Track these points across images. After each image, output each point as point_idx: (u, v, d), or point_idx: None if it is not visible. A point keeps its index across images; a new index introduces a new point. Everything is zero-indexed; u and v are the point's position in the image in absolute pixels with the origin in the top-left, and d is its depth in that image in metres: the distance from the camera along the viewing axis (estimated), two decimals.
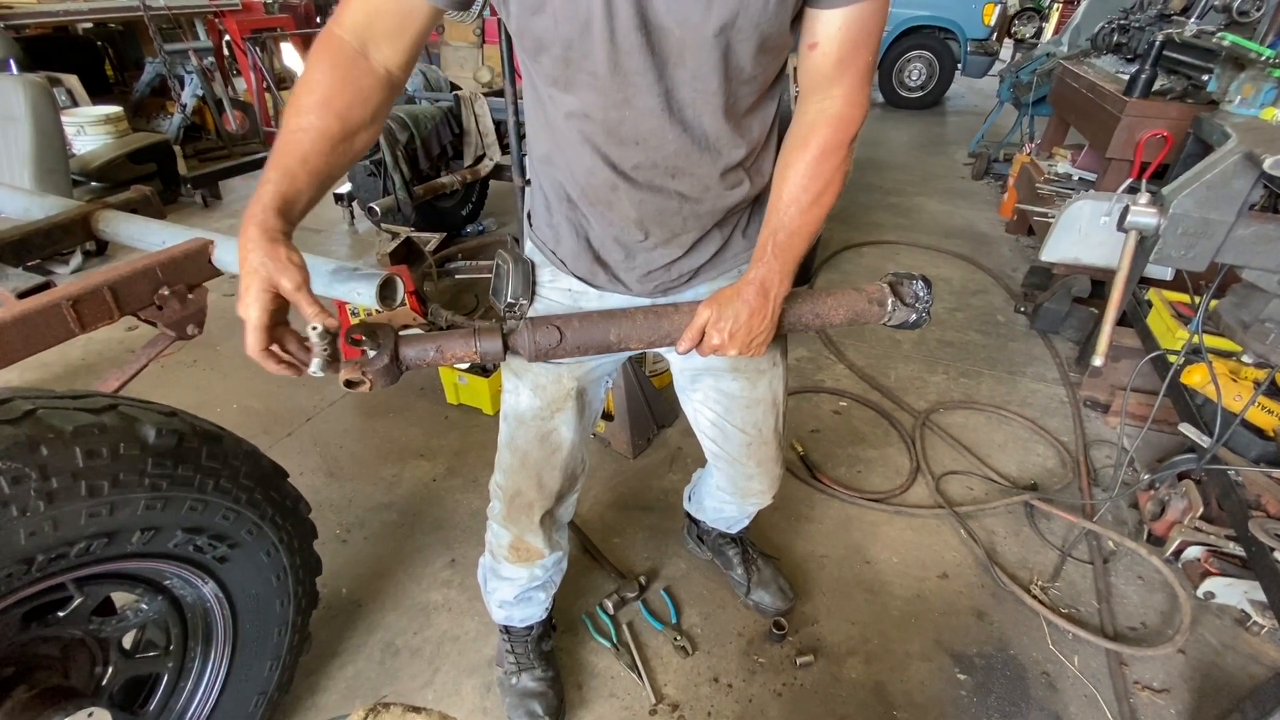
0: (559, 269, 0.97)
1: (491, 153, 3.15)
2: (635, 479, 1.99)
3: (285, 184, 0.73)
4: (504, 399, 1.09)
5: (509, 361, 1.00)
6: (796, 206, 0.83)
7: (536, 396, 1.04)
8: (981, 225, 3.97)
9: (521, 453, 1.09)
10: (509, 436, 1.10)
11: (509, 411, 1.08)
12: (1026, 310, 2.87)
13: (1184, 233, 0.82)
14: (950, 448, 2.15)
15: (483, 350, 0.84)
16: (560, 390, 1.03)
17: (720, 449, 1.19)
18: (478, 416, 2.25)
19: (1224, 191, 0.78)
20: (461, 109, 3.10)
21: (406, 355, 0.82)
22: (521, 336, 0.87)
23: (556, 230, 0.94)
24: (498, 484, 1.17)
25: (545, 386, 1.03)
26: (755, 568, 1.60)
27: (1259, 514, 1.44)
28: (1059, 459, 2.11)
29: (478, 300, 2.90)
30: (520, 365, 1.02)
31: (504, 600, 1.30)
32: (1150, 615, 1.61)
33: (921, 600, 1.64)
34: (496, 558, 1.24)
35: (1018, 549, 1.79)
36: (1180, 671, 1.48)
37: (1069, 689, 1.44)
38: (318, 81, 0.75)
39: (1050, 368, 2.57)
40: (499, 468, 1.15)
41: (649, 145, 0.78)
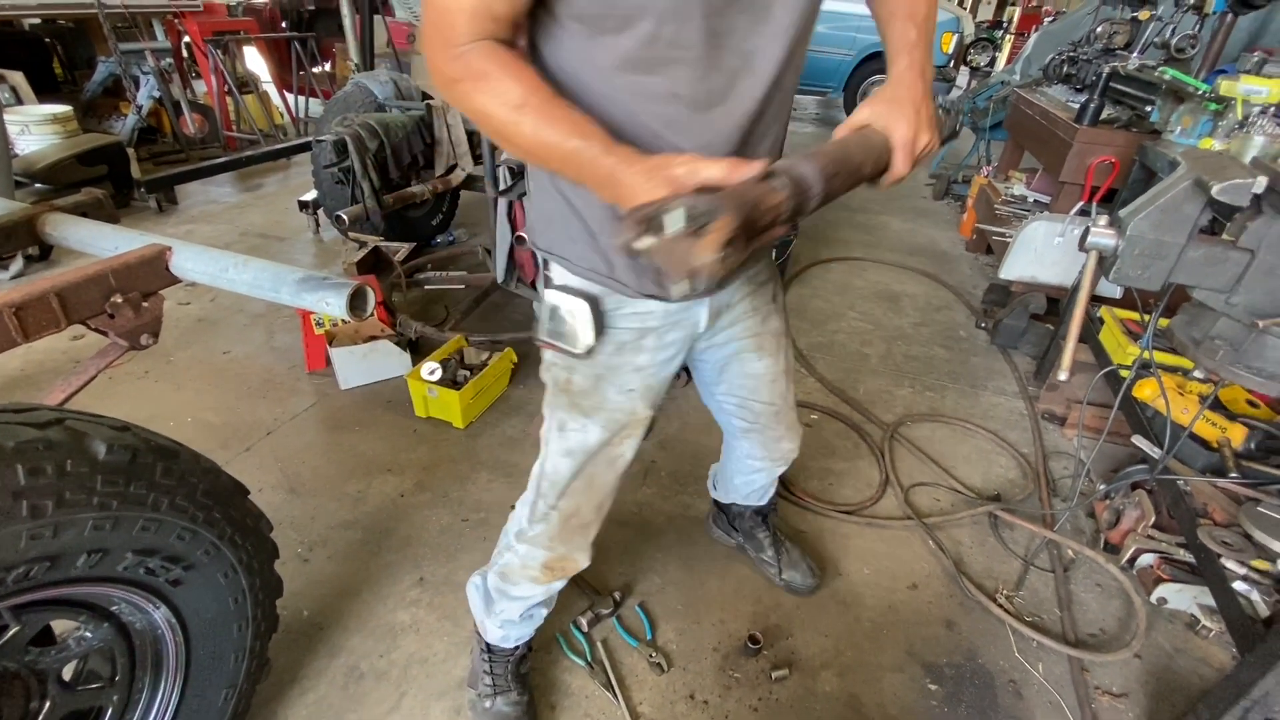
0: (623, 295, 0.91)
1: (463, 163, 3.12)
2: None
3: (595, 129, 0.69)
4: (566, 438, 1.03)
5: (577, 402, 1.00)
6: (908, 25, 0.83)
7: (607, 430, 1.02)
8: (943, 244, 4.10)
9: (588, 477, 1.07)
10: (575, 468, 1.06)
11: (575, 448, 1.04)
12: (987, 326, 2.97)
13: (1140, 254, 0.86)
14: (918, 460, 2.20)
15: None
16: (635, 419, 1.03)
17: (750, 424, 1.30)
18: (447, 430, 2.20)
19: (1176, 215, 0.82)
20: (434, 118, 3.07)
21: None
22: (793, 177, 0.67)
23: (606, 254, 0.88)
24: (551, 506, 1.11)
25: (619, 420, 1.02)
26: (785, 549, 1.69)
27: (1206, 522, 1.51)
28: (1020, 470, 2.17)
29: (448, 311, 2.86)
30: (592, 404, 1.00)
31: (507, 620, 1.26)
32: (1108, 621, 1.66)
33: (893, 611, 1.66)
34: (512, 579, 1.20)
35: (983, 559, 1.83)
36: (1137, 676, 1.53)
37: (1034, 696, 1.47)
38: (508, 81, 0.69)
39: (1010, 382, 2.66)
40: (555, 491, 1.09)
41: (730, 114, 0.78)
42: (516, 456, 2.10)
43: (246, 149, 4.59)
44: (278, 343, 2.66)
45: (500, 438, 2.18)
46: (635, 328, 0.95)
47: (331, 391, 2.38)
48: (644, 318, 0.94)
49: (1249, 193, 0.79)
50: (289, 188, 4.60)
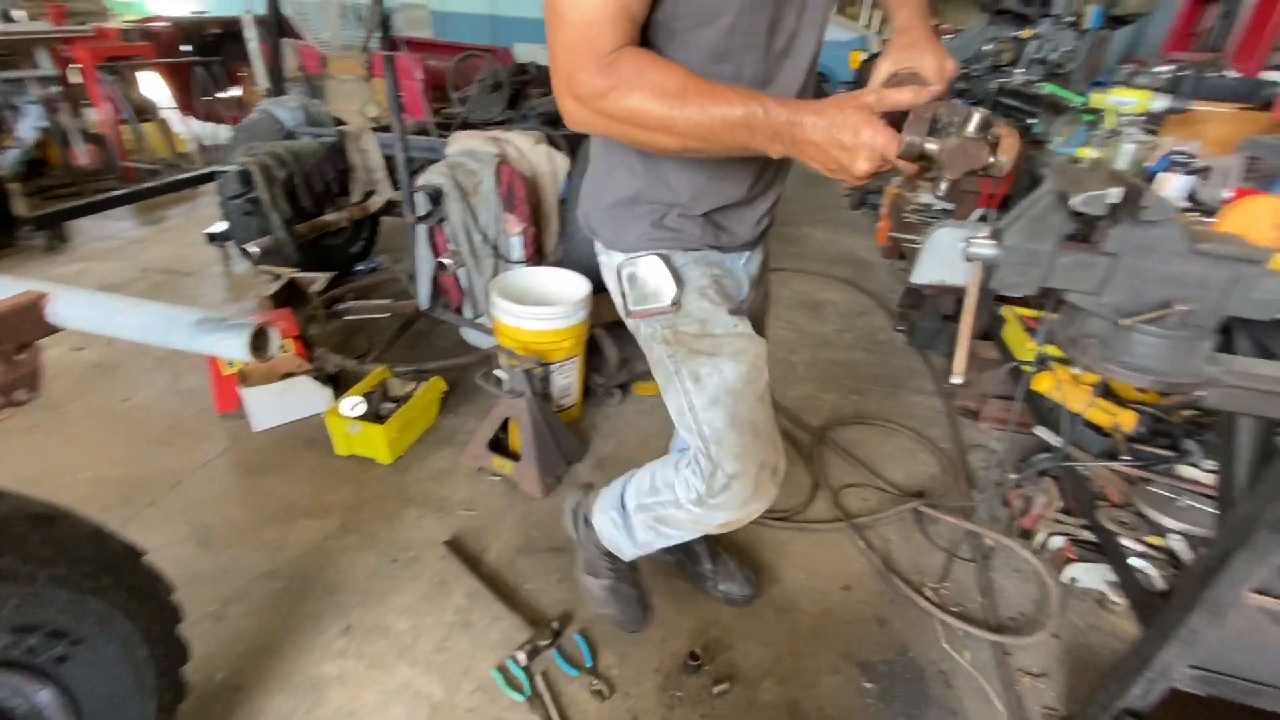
0: (686, 249, 1.04)
1: (381, 189, 3.05)
2: (546, 519, 1.94)
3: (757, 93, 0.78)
4: (704, 387, 1.04)
5: (696, 347, 1.03)
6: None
7: (737, 362, 1.04)
8: (861, 251, 4.29)
9: (748, 424, 1.05)
10: (728, 416, 1.03)
11: (718, 392, 1.03)
12: (904, 329, 3.12)
13: (1017, 262, 0.92)
14: (846, 462, 2.27)
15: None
16: (754, 344, 1.06)
17: None
18: (373, 467, 2.11)
19: (1044, 226, 0.89)
20: (347, 144, 2.98)
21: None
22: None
23: (675, 228, 1.02)
24: (732, 475, 1.07)
25: (742, 348, 1.04)
26: (721, 561, 1.70)
27: (1105, 503, 1.62)
28: (941, 466, 2.28)
29: (371, 342, 2.76)
30: (711, 344, 1.03)
31: (648, 545, 1.35)
32: (1026, 605, 1.75)
33: (828, 614, 1.70)
34: (675, 525, 1.23)
35: (910, 554, 1.90)
36: (1055, 654, 1.62)
37: (962, 684, 1.53)
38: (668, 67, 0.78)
39: (928, 381, 2.79)
40: (728, 457, 1.05)
41: (780, 90, 0.91)
42: (448, 489, 2.04)
43: (147, 180, 4.32)
44: (184, 385, 2.50)
45: (430, 471, 2.11)
46: (708, 274, 1.06)
47: (245, 434, 2.25)
48: (711, 266, 1.07)
49: (1105, 203, 0.86)
50: (195, 219, 4.35)
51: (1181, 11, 3.95)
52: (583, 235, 2.69)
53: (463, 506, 1.97)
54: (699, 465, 1.11)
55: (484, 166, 2.40)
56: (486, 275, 2.48)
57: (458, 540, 1.85)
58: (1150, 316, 0.88)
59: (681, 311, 1.03)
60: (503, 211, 2.43)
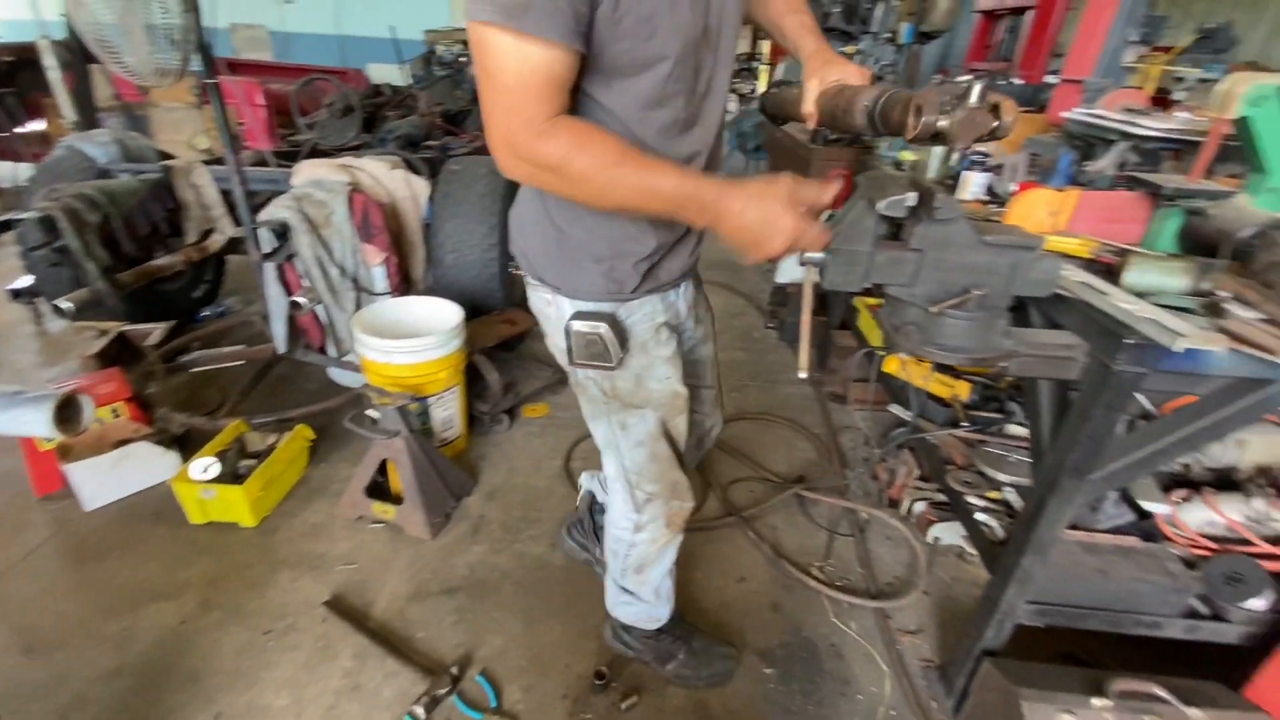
0: (630, 302, 1.10)
1: (221, 226, 2.79)
2: (436, 560, 1.86)
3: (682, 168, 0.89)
4: (631, 432, 1.19)
5: (629, 401, 1.16)
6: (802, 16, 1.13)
7: (661, 411, 1.18)
8: (731, 256, 4.49)
9: (663, 457, 1.22)
10: (649, 453, 1.21)
11: (643, 437, 1.19)
12: (774, 326, 3.31)
13: (843, 263, 1.00)
14: (731, 458, 2.37)
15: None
16: (678, 397, 1.20)
17: (693, 413, 1.40)
18: (235, 533, 1.92)
19: (860, 228, 0.98)
20: (175, 180, 2.70)
21: None
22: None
23: (619, 279, 1.07)
24: (648, 494, 1.27)
25: (667, 403, 1.19)
26: None
27: (952, 467, 1.81)
28: (817, 450, 2.43)
29: (224, 394, 2.51)
30: (641, 398, 1.16)
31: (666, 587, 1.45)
32: (899, 568, 1.91)
33: (726, 608, 1.76)
34: (652, 559, 1.36)
35: (796, 538, 2.01)
36: (928, 611, 1.77)
37: (851, 652, 1.64)
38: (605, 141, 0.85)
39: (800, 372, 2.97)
40: (645, 478, 1.24)
41: (704, 127, 1.02)
42: (324, 545, 1.89)
43: None
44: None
45: (302, 527, 1.95)
46: (649, 325, 1.13)
47: (74, 516, 1.96)
48: (652, 315, 1.13)
49: (904, 206, 0.96)
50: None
51: (977, 28, 4.54)
52: (452, 260, 2.63)
53: (342, 561, 1.83)
54: (623, 487, 1.29)
55: (334, 196, 2.26)
56: (348, 310, 2.34)
57: (339, 598, 1.72)
58: (953, 302, 1.00)
59: (622, 368, 1.13)
60: (360, 242, 2.31)
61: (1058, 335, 1.16)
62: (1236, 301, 1.05)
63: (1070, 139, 1.71)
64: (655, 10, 0.84)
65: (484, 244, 2.58)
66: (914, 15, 3.39)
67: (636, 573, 1.40)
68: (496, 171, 2.79)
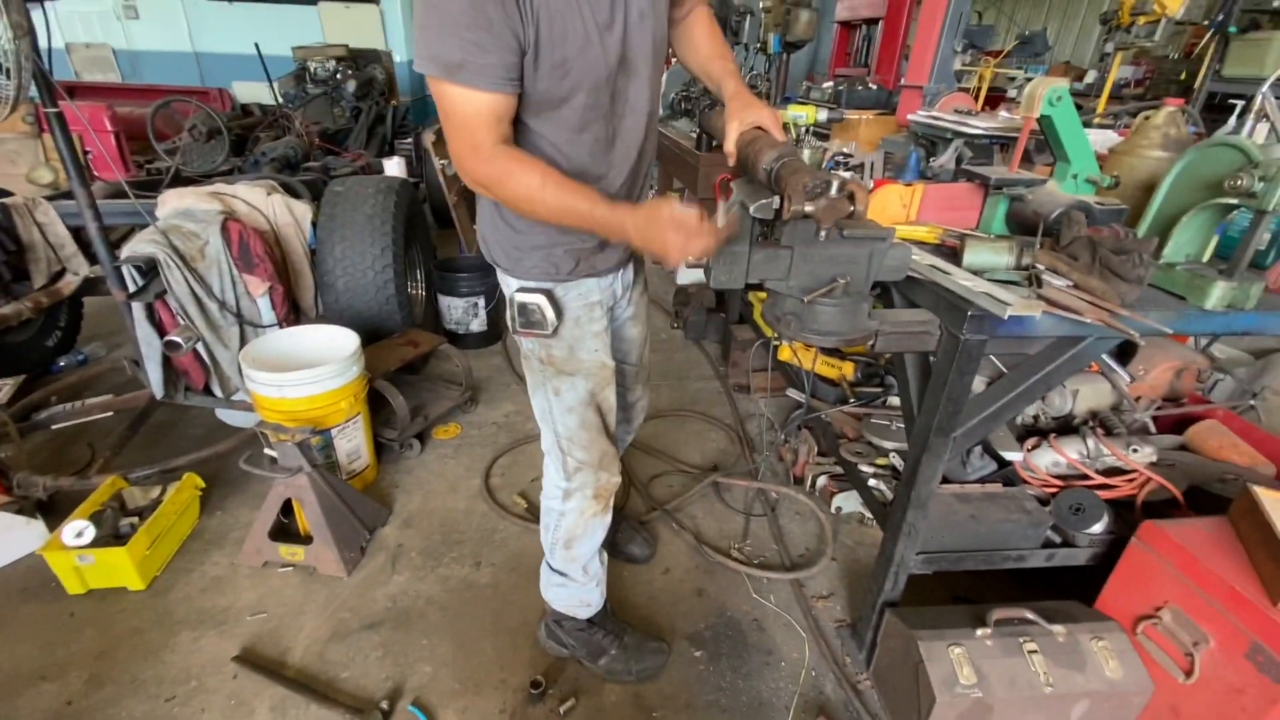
0: (567, 282, 1.25)
1: (74, 265, 2.53)
2: (354, 597, 1.79)
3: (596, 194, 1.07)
4: (563, 398, 1.33)
5: (561, 368, 1.31)
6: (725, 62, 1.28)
7: (590, 380, 1.33)
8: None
9: (592, 425, 1.36)
10: (579, 419, 1.35)
11: (573, 403, 1.34)
12: (679, 325, 3.43)
13: (725, 263, 1.09)
14: (649, 455, 2.44)
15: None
16: (606, 369, 1.35)
17: (620, 385, 1.56)
18: (123, 598, 1.76)
19: (739, 229, 1.06)
20: (15, 219, 2.42)
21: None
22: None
23: (556, 263, 1.23)
24: (579, 460, 1.39)
25: (596, 372, 1.33)
26: (622, 529, 1.93)
27: (845, 440, 1.97)
28: (728, 439, 2.56)
29: (93, 449, 2.29)
30: (573, 366, 1.31)
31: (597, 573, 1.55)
32: (810, 540, 2.05)
33: (654, 600, 1.82)
34: (579, 533, 1.45)
35: (715, 524, 2.11)
36: (837, 575, 1.92)
37: (772, 624, 1.75)
38: (530, 171, 1.03)
39: (706, 367, 3.11)
40: (575, 444, 1.38)
41: (625, 144, 1.17)
42: (227, 598, 1.78)
43: None
44: None
45: (201, 582, 1.82)
46: (583, 303, 1.28)
47: None
48: (586, 294, 1.28)
49: (772, 208, 1.05)
50: None
51: (836, 38, 4.91)
52: (344, 284, 2.54)
53: (250, 611, 1.73)
54: (556, 457, 1.42)
55: (207, 226, 2.13)
56: (233, 347, 2.20)
57: (250, 651, 1.63)
58: (822, 291, 1.10)
59: (557, 337, 1.27)
60: (240, 273, 2.18)
61: (915, 313, 1.30)
62: (1051, 273, 1.24)
63: (916, 139, 1.91)
64: (567, 56, 1.01)
65: (377, 265, 2.51)
66: (779, 27, 3.62)
67: (565, 547, 1.48)
68: (386, 191, 2.74)
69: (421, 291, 3.26)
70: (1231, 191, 1.11)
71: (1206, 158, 1.23)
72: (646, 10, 1.08)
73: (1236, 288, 1.16)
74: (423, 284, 3.25)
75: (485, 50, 0.94)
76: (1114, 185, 1.42)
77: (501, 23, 0.93)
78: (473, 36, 0.93)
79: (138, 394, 2.40)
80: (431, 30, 0.94)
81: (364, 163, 3.90)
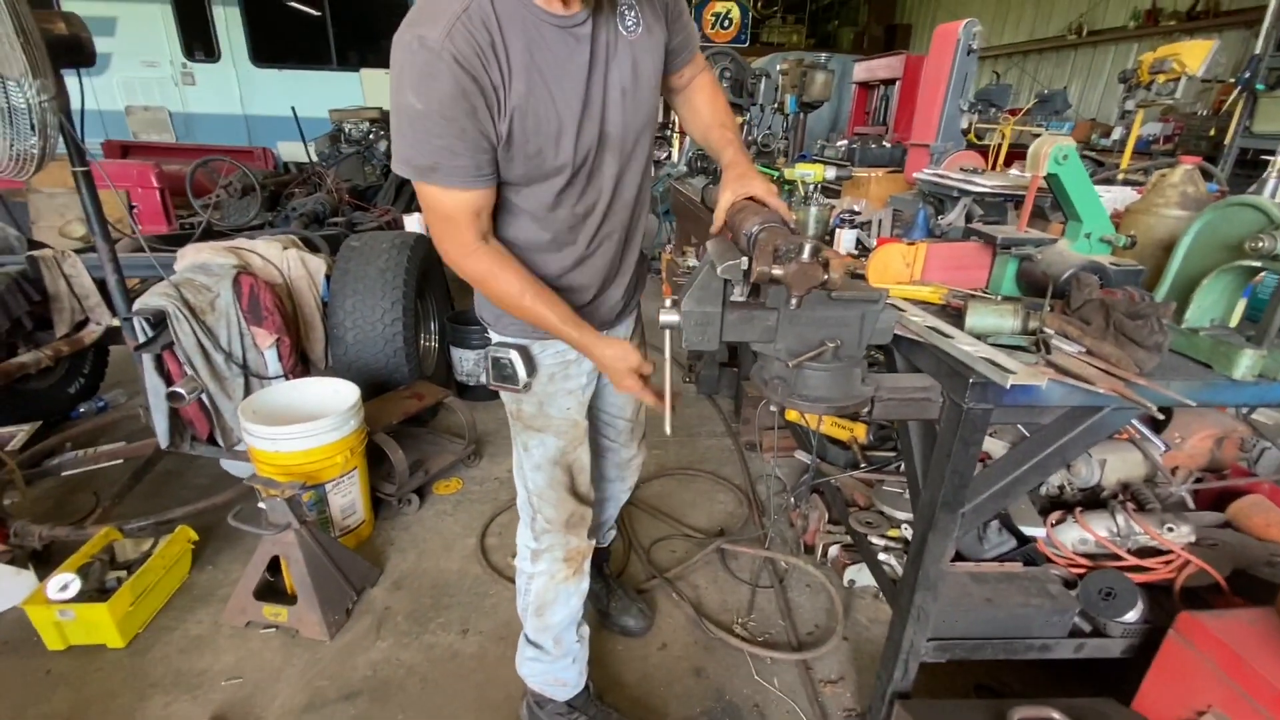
0: (544, 340, 1.24)
1: (97, 315, 2.61)
2: (334, 663, 1.71)
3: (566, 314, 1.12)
4: (532, 454, 1.31)
5: (530, 424, 1.29)
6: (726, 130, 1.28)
7: (560, 439, 1.30)
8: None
9: (561, 483, 1.33)
10: (548, 477, 1.32)
11: (541, 460, 1.31)
12: (692, 379, 3.37)
13: (696, 324, 1.05)
14: (653, 517, 2.34)
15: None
16: (578, 429, 1.32)
17: (611, 440, 1.59)
18: (101, 656, 1.71)
19: (709, 291, 1.03)
20: (42, 271, 2.53)
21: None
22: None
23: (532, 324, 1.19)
24: (548, 519, 1.35)
25: (567, 431, 1.31)
26: (616, 596, 1.86)
27: (855, 508, 1.86)
28: (737, 500, 2.45)
29: (97, 498, 2.29)
30: (542, 423, 1.29)
31: (575, 648, 1.47)
32: (819, 616, 1.91)
33: (648, 679, 1.70)
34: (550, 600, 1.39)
35: (718, 595, 1.99)
36: (848, 657, 1.78)
37: (775, 711, 1.61)
38: (511, 277, 1.08)
39: (718, 424, 3.03)
40: (544, 502, 1.35)
41: (613, 213, 1.17)
42: (206, 659, 1.72)
43: None
44: None
45: (181, 642, 1.77)
46: (559, 360, 1.27)
47: None
48: (564, 351, 1.26)
49: (739, 270, 1.02)
50: None
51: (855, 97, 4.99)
52: (354, 337, 2.56)
53: (226, 676, 1.66)
54: (527, 514, 1.38)
55: (219, 280, 2.18)
56: (237, 398, 2.21)
57: (221, 719, 1.55)
58: (810, 355, 1.04)
59: (529, 392, 1.26)
60: (248, 326, 2.22)
61: (916, 379, 1.23)
62: (1061, 338, 1.16)
63: (924, 196, 1.87)
64: (542, 148, 1.02)
65: (386, 319, 2.53)
66: (796, 88, 3.68)
67: (537, 615, 1.41)
68: (400, 246, 2.79)
69: (435, 343, 3.28)
70: (1253, 253, 1.03)
71: (1225, 217, 1.16)
72: (629, 86, 1.08)
73: (1267, 356, 1.06)
74: (436, 336, 3.27)
75: (456, 154, 0.96)
76: (1130, 245, 1.35)
77: (472, 128, 0.95)
78: (443, 143, 0.95)
79: (146, 442, 2.42)
80: (405, 137, 0.96)
81: (390, 218, 4.02)
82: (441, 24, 0.90)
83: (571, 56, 1.01)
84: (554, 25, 0.98)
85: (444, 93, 0.91)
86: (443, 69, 0.90)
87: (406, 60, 0.91)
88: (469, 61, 0.91)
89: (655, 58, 1.13)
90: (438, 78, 0.90)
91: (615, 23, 1.06)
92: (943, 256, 1.48)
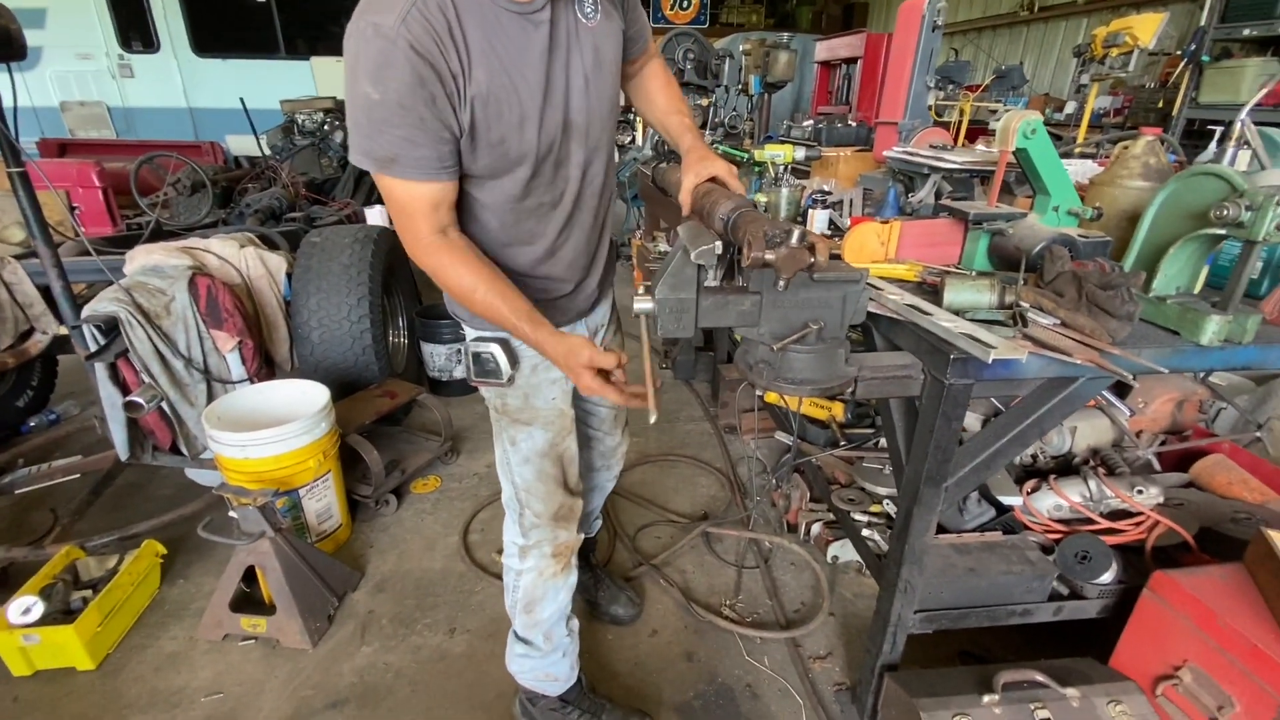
0: None
1: (43, 325, 2.47)
2: (318, 672, 1.68)
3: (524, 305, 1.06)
4: (519, 448, 1.28)
5: (516, 417, 1.27)
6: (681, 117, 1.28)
7: (548, 431, 1.28)
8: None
9: (550, 477, 1.31)
10: (536, 471, 1.30)
11: (529, 454, 1.29)
12: (668, 365, 3.36)
13: (671, 311, 1.04)
14: (637, 504, 2.34)
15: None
16: (565, 418, 1.30)
17: (594, 430, 1.58)
18: (70, 680, 1.64)
19: (682, 277, 1.02)
20: None
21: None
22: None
23: None
24: (536, 513, 1.33)
25: (554, 422, 1.28)
26: (604, 586, 1.85)
27: (836, 486, 1.88)
28: (719, 484, 2.46)
29: (55, 517, 2.19)
30: (529, 416, 1.26)
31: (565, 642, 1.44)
32: (805, 593, 1.94)
33: (640, 666, 1.70)
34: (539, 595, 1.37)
35: (705, 579, 2.00)
36: (835, 632, 1.80)
37: (767, 690, 1.63)
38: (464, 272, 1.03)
39: (696, 408, 3.03)
40: (532, 497, 1.32)
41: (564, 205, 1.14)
42: (183, 677, 1.66)
43: None
44: None
45: (156, 659, 1.71)
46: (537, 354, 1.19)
47: None
48: None
49: (713, 255, 1.00)
50: None
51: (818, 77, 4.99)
52: (319, 336, 2.48)
53: (206, 692, 1.61)
54: (514, 510, 1.36)
55: (173, 283, 2.08)
56: (200, 404, 2.13)
57: None
58: (793, 338, 1.04)
59: (513, 386, 1.24)
60: (208, 329, 2.13)
61: (897, 357, 1.24)
62: (1036, 311, 1.18)
63: (894, 174, 1.88)
64: (505, 136, 1.00)
65: (353, 316, 2.46)
66: (759, 69, 3.66)
67: (526, 611, 1.40)
68: (363, 240, 2.70)
69: (404, 339, 3.20)
70: (1218, 221, 1.05)
71: (1189, 187, 1.19)
72: (591, 74, 1.07)
73: (1232, 321, 1.10)
74: (405, 332, 3.20)
75: (416, 145, 0.93)
76: (1096, 217, 1.37)
77: (432, 118, 0.92)
78: (402, 133, 0.92)
79: (104, 455, 2.32)
80: (361, 128, 0.92)
81: (350, 211, 3.90)
82: (396, 10, 0.86)
83: (530, 44, 0.99)
84: (512, 12, 0.96)
85: (401, 81, 0.88)
86: (399, 57, 0.87)
87: (361, 49, 0.88)
88: (426, 48, 0.88)
89: (615, 44, 1.12)
90: (394, 66, 0.87)
91: (574, 10, 1.04)
92: (916, 234, 1.49)
